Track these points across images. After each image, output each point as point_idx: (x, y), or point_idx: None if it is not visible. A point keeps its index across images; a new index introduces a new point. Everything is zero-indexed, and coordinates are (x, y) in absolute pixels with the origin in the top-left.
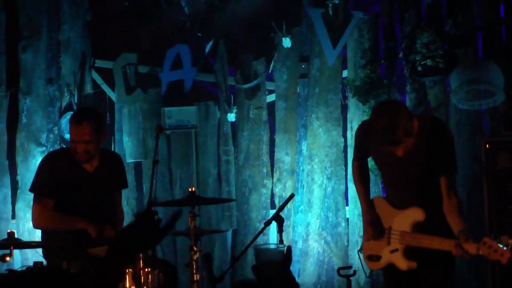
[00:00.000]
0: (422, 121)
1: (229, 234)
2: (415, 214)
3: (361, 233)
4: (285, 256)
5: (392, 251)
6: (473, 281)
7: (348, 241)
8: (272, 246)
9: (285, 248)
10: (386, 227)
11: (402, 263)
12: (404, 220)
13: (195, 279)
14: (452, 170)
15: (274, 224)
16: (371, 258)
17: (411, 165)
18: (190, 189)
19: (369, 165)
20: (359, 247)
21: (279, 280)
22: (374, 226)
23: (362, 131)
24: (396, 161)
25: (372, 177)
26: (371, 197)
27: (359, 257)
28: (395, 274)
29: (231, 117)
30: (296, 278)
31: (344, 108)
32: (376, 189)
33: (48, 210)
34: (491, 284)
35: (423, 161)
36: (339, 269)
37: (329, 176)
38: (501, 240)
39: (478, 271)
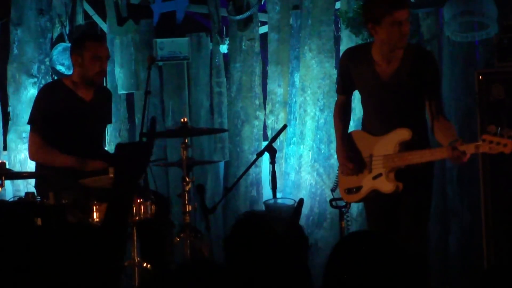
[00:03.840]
0: (407, 47)
1: (222, 165)
2: (400, 134)
3: None
4: (295, 210)
5: (375, 177)
6: (465, 213)
7: (336, 175)
8: (281, 201)
9: (295, 202)
10: (366, 157)
11: (387, 186)
12: (387, 143)
13: (187, 210)
14: (440, 94)
15: (266, 156)
16: (351, 191)
17: (396, 88)
18: (182, 120)
19: None
20: None
21: (287, 235)
22: (352, 161)
23: (347, 56)
24: (381, 85)
25: None
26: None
27: (332, 195)
28: (379, 200)
29: (224, 48)
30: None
31: (337, 40)
32: None
33: (45, 143)
34: (484, 215)
35: (409, 84)
36: (331, 200)
37: (321, 108)
38: (503, 133)
39: (470, 203)
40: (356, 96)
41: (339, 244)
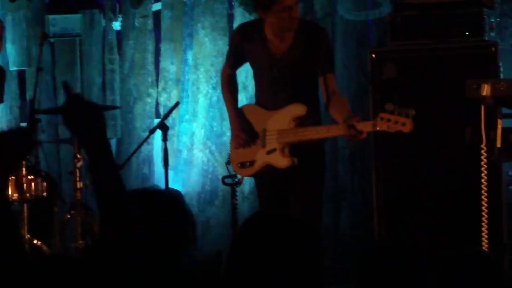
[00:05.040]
0: (300, 24)
1: (113, 142)
2: (295, 110)
3: None
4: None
5: (269, 152)
6: (357, 192)
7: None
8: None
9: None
10: (260, 131)
11: (282, 161)
12: (281, 118)
13: (78, 187)
14: (333, 70)
15: (158, 133)
16: (244, 165)
17: (289, 65)
18: None
19: None
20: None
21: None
22: (245, 133)
23: (240, 31)
24: (274, 61)
25: None
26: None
27: (227, 169)
28: (271, 176)
29: (116, 25)
30: (180, 188)
31: (231, 18)
32: None
33: None
34: (375, 193)
35: (302, 61)
36: (223, 178)
37: (214, 85)
38: (400, 111)
39: (361, 181)
40: (250, 74)
41: (244, 226)
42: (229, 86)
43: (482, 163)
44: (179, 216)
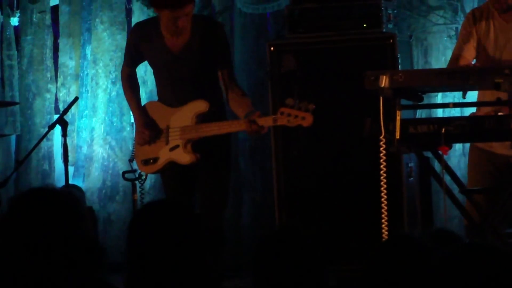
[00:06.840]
0: (195, 19)
1: (13, 139)
2: (198, 106)
3: None
4: None
5: (172, 149)
6: (258, 184)
7: (133, 145)
8: None
9: None
10: (163, 128)
11: (185, 157)
12: (184, 115)
13: None
14: (231, 64)
15: (58, 129)
16: (147, 162)
17: (187, 61)
18: None
19: None
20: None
21: None
22: (149, 129)
23: (136, 31)
24: (173, 58)
25: None
26: None
27: (131, 166)
28: (176, 172)
29: (14, 21)
30: (81, 184)
31: (129, 12)
32: None
33: None
34: (276, 186)
35: (200, 56)
36: (124, 173)
37: (113, 80)
38: (300, 105)
39: (262, 174)
40: (149, 68)
41: (136, 215)
42: (130, 85)
43: (381, 154)
44: (72, 215)
